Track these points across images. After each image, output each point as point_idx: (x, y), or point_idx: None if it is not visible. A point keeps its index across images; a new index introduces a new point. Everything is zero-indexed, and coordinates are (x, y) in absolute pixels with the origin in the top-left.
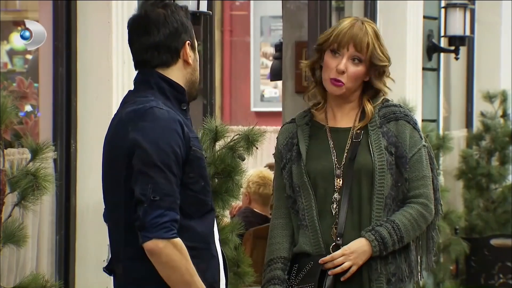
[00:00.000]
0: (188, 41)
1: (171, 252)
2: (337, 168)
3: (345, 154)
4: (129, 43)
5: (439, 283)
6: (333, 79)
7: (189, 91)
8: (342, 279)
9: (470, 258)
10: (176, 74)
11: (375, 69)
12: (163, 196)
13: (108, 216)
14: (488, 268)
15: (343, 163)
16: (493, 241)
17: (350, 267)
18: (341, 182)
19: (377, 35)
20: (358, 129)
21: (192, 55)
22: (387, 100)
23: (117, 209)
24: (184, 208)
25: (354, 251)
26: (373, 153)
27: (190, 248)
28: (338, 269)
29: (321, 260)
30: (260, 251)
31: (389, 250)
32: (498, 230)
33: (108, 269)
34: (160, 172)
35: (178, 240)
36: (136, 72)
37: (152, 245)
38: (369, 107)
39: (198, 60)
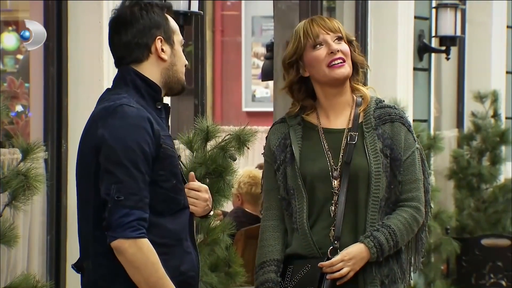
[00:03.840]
0: (159, 37)
1: (135, 252)
2: (333, 170)
3: (341, 156)
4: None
5: (430, 283)
6: (333, 61)
7: (169, 86)
8: (338, 283)
9: (461, 258)
10: (150, 70)
11: (351, 45)
12: (128, 195)
13: (78, 212)
14: (479, 268)
15: (339, 164)
16: (484, 241)
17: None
18: (338, 184)
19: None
20: (352, 131)
21: (168, 50)
22: (381, 101)
23: (87, 205)
24: (154, 205)
25: (353, 258)
26: (369, 156)
27: (159, 245)
28: (336, 275)
29: (320, 264)
30: (251, 251)
31: (385, 255)
32: (489, 230)
33: (77, 266)
34: (125, 170)
35: (145, 241)
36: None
37: (117, 244)
38: (362, 89)
39: (178, 55)
